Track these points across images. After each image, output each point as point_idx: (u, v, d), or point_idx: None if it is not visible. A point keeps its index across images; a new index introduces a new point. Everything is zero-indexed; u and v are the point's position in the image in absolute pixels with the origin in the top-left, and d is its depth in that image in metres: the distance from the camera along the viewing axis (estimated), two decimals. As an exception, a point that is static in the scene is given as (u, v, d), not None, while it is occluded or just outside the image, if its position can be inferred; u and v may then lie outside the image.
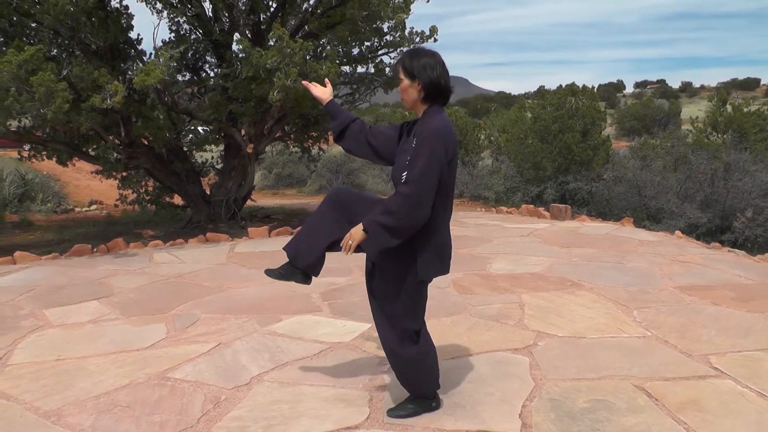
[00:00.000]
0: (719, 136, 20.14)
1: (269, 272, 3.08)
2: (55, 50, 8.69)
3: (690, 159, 14.50)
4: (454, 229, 9.09)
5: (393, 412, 3.21)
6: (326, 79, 3.41)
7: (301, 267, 3.05)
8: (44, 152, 9.59)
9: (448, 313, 4.95)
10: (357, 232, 2.79)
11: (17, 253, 7.16)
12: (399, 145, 3.07)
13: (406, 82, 2.93)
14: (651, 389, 3.50)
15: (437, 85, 2.88)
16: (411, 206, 2.72)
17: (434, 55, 2.92)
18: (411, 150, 2.83)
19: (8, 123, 7.34)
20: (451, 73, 2.97)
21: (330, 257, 3.28)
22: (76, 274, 6.50)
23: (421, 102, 2.93)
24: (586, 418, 3.16)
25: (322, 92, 3.30)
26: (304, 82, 3.42)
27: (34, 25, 8.31)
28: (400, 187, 2.77)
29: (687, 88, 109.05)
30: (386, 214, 2.74)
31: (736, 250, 7.62)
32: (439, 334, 4.44)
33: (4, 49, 7.37)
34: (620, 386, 3.54)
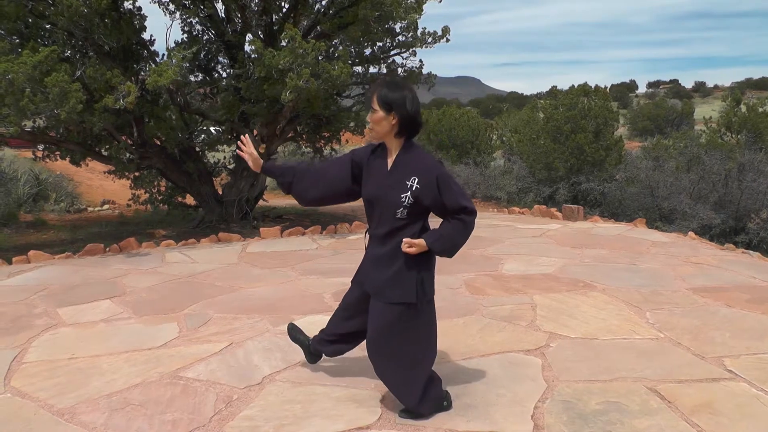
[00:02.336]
0: (733, 136, 20.00)
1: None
2: (69, 51, 8.75)
3: (703, 159, 14.40)
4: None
5: (405, 413, 3.21)
6: (246, 139, 3.29)
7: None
8: (58, 152, 9.66)
9: (460, 314, 4.94)
10: (421, 244, 2.95)
11: (31, 252, 7.22)
12: (367, 172, 3.11)
13: (380, 113, 2.90)
14: (664, 391, 3.48)
15: (413, 120, 2.92)
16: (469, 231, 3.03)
17: (411, 90, 2.95)
18: (419, 182, 2.89)
19: (23, 123, 7.39)
20: (463, 74, 3.02)
21: (339, 257, 3.27)
22: (89, 273, 6.54)
23: (395, 135, 2.95)
24: (599, 420, 3.15)
25: (252, 161, 3.25)
26: (239, 149, 3.32)
27: (48, 26, 8.37)
28: (463, 216, 2.96)
29: (700, 88, 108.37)
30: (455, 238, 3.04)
31: (751, 252, 7.57)
32: (451, 335, 4.44)
33: (19, 50, 7.43)
34: (633, 388, 3.52)
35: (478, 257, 7.10)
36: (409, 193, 2.89)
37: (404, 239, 2.94)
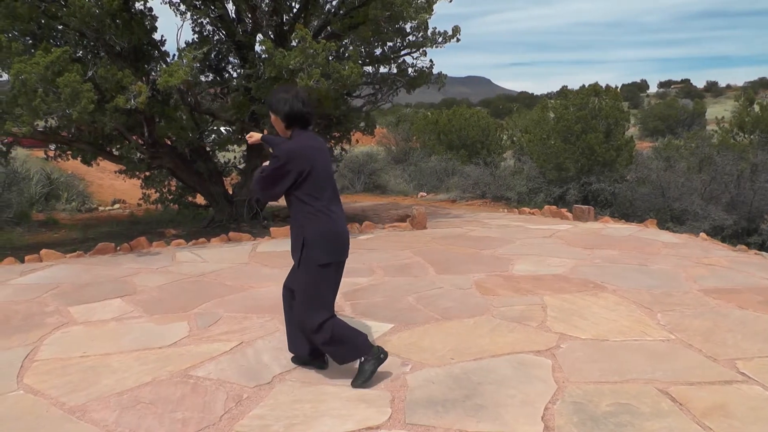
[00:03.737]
0: (746, 136, 19.81)
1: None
2: (81, 52, 8.81)
3: (715, 160, 14.29)
4: (477, 230, 9.08)
5: (356, 383, 3.55)
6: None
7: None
8: (69, 152, 9.73)
9: (470, 314, 4.92)
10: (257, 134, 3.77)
11: (43, 251, 7.26)
12: None
13: (273, 116, 3.55)
14: (675, 394, 3.45)
15: (292, 115, 3.48)
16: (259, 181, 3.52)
17: (288, 91, 3.54)
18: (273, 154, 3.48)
19: (35, 123, 7.44)
20: (473, 73, 3.05)
21: (351, 258, 3.30)
22: (100, 272, 6.57)
23: (287, 129, 3.54)
24: (609, 422, 3.13)
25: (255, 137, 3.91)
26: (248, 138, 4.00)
27: (60, 27, 8.43)
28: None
29: (712, 87, 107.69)
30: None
31: (763, 253, 7.51)
32: (461, 335, 4.43)
33: (32, 51, 7.48)
34: (644, 390, 3.50)
35: (488, 257, 7.09)
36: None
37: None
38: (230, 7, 9.79)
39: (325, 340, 3.50)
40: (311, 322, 3.49)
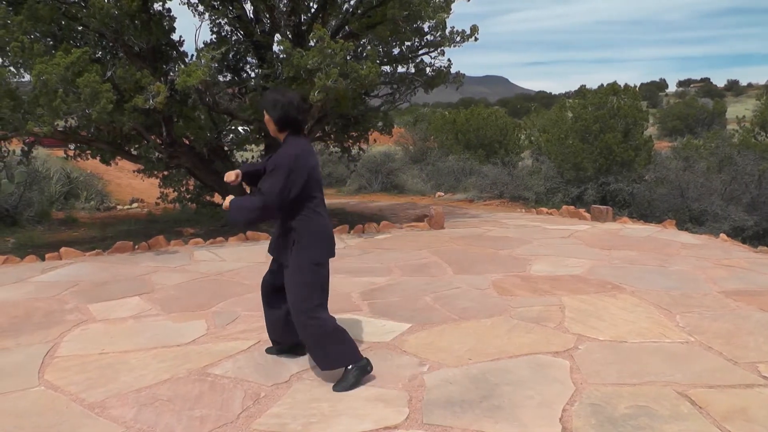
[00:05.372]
0: (768, 136, 19.56)
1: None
2: (100, 52, 8.88)
3: (736, 160, 14.11)
4: (495, 230, 9.04)
5: (337, 387, 3.54)
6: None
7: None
8: (88, 151, 9.81)
9: (488, 314, 4.91)
10: (227, 200, 3.53)
11: (63, 249, 7.34)
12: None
13: (266, 116, 3.59)
14: (695, 396, 3.42)
15: (285, 118, 3.54)
16: (254, 212, 3.50)
17: (284, 94, 3.59)
18: (267, 166, 3.52)
19: (55, 123, 7.52)
20: (491, 73, 3.04)
21: (367, 256, 3.29)
22: (119, 270, 6.63)
23: (279, 132, 3.60)
24: (628, 425, 3.10)
25: (235, 176, 3.72)
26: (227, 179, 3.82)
27: (80, 28, 8.51)
28: (257, 194, 3.50)
29: (733, 86, 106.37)
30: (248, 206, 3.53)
31: (785, 255, 7.40)
32: (478, 335, 4.42)
33: (53, 52, 7.56)
34: (662, 392, 3.47)
35: (506, 258, 7.06)
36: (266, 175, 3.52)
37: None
38: (248, 7, 9.83)
39: (324, 333, 3.55)
40: (311, 318, 3.54)
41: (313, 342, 3.58)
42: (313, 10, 9.85)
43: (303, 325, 3.56)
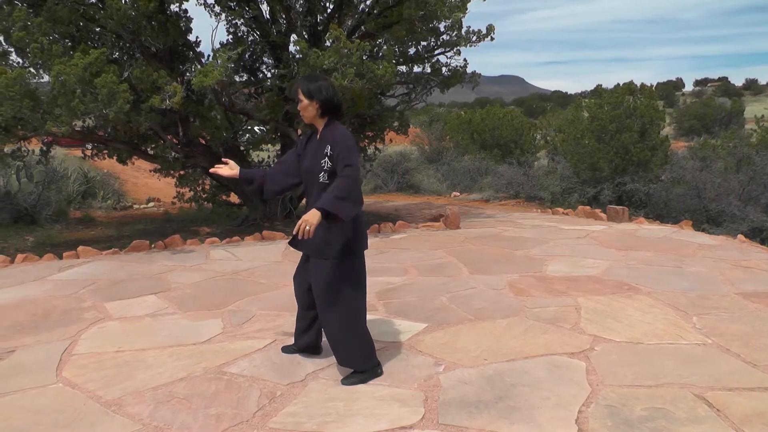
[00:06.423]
0: (787, 135, 19.30)
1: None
2: (117, 53, 8.95)
3: (754, 160, 13.95)
4: (510, 230, 9.02)
5: (346, 381, 3.60)
6: (228, 163, 3.84)
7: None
8: (105, 151, 9.91)
9: (503, 315, 4.90)
10: (313, 216, 3.20)
11: (80, 248, 7.41)
12: (304, 152, 3.67)
13: (305, 102, 3.51)
14: (712, 399, 3.38)
15: (331, 103, 3.51)
16: (356, 184, 3.36)
17: (326, 79, 3.59)
18: (331, 148, 3.42)
19: (73, 123, 7.60)
20: (506, 72, 3.04)
21: (383, 256, 3.30)
22: (135, 269, 6.68)
23: (320, 117, 3.54)
24: (644, 427, 3.08)
25: (231, 171, 3.77)
26: (212, 170, 3.86)
27: (98, 29, 8.58)
28: (345, 170, 3.31)
29: (752, 85, 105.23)
30: (341, 193, 3.28)
31: (805, 256, 7.31)
32: (494, 336, 4.41)
33: (71, 53, 7.64)
34: (679, 395, 3.44)
35: (522, 258, 7.04)
36: (327, 158, 3.44)
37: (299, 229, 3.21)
38: (264, 8, 9.87)
39: (361, 333, 3.62)
40: (359, 314, 3.62)
41: (353, 336, 3.62)
42: (329, 11, 9.87)
43: (354, 327, 3.62)
